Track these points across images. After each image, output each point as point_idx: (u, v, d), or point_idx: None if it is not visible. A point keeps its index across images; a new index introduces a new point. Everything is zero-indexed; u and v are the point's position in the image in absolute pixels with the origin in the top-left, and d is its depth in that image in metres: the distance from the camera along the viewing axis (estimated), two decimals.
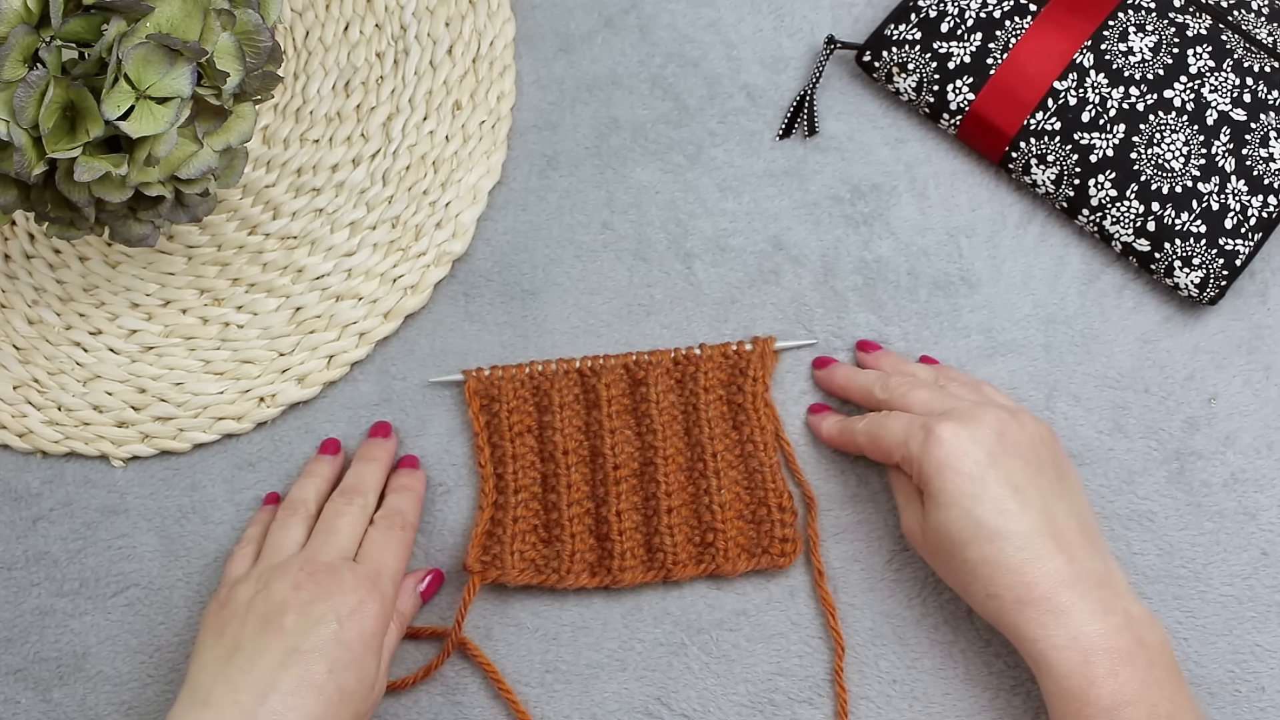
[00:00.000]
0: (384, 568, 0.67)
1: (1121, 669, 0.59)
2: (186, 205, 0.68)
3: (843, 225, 0.77)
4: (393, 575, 0.67)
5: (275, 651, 0.61)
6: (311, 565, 0.65)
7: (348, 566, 0.66)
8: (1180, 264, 0.73)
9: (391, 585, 0.67)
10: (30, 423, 0.76)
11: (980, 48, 0.76)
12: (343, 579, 0.65)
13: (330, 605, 0.63)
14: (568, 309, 0.77)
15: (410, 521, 0.70)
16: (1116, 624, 0.60)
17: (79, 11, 0.60)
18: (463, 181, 0.79)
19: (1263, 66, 0.73)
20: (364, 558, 0.67)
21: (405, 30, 0.81)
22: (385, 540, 0.68)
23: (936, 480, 0.63)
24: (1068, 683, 0.59)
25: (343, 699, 0.62)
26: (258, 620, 0.63)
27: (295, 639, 0.62)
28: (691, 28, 0.81)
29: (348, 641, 0.63)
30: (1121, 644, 0.60)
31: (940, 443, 0.64)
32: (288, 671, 0.61)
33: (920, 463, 0.64)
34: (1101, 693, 0.59)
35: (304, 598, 0.63)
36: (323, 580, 0.64)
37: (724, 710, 0.70)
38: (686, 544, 0.72)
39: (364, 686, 0.63)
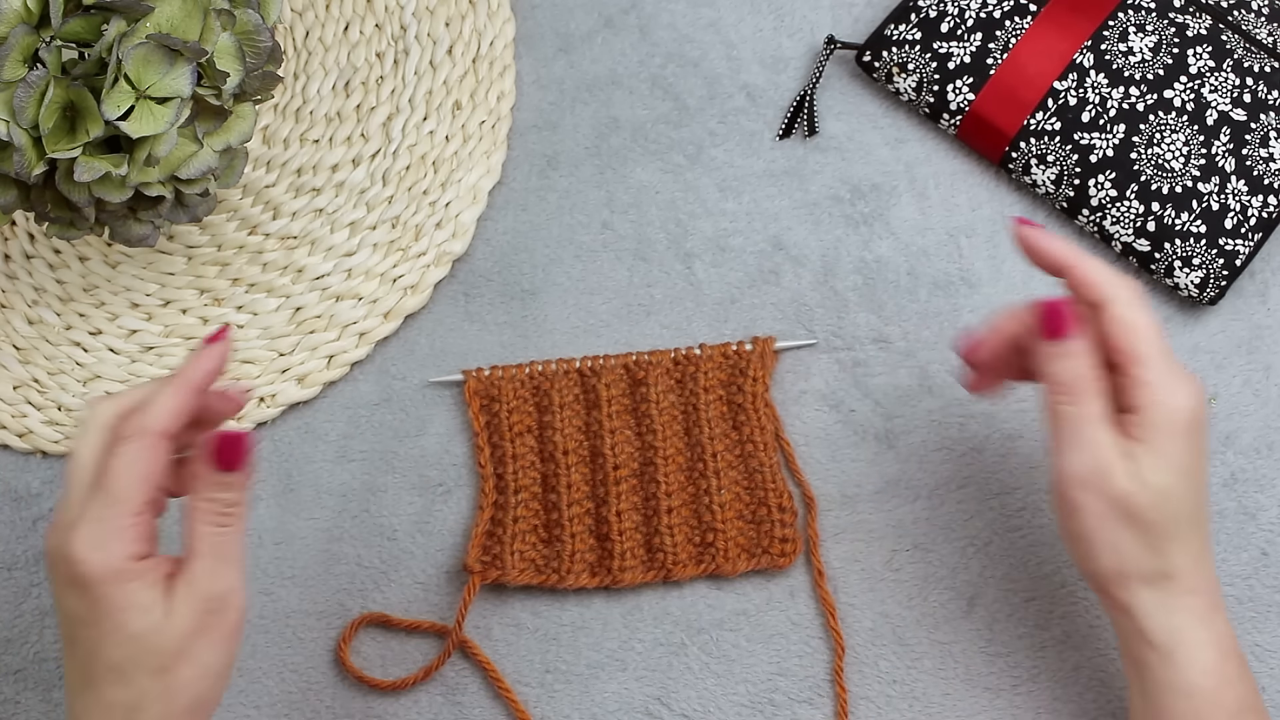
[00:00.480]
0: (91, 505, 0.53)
1: (1247, 675, 0.58)
2: (186, 205, 0.68)
3: (843, 225, 0.77)
4: (103, 511, 0.53)
5: (65, 646, 0.55)
6: (47, 533, 0.55)
7: (59, 525, 0.54)
8: (1180, 264, 0.73)
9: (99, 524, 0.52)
10: (30, 423, 0.76)
11: (980, 48, 0.76)
12: (52, 545, 0.54)
13: (55, 588, 0.54)
14: (568, 309, 0.77)
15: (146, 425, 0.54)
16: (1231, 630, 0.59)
17: (79, 11, 0.60)
18: (463, 181, 0.79)
19: (1263, 66, 0.73)
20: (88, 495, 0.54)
21: (405, 30, 0.81)
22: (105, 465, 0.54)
23: (1175, 443, 0.56)
24: (1204, 679, 0.57)
25: (119, 672, 0.53)
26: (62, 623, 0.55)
27: (62, 629, 0.54)
28: (691, 28, 0.81)
29: (80, 616, 0.53)
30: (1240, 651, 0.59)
31: (1188, 408, 0.56)
32: (70, 668, 0.54)
33: (1161, 412, 0.56)
34: (1235, 693, 0.57)
35: (49, 576, 0.55)
36: (47, 547, 0.54)
37: (724, 710, 0.70)
38: (686, 544, 0.72)
39: (138, 645, 0.53)
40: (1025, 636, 0.70)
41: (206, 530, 0.55)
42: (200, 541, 0.55)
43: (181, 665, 0.54)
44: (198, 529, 0.55)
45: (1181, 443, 0.56)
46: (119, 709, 0.53)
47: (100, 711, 0.53)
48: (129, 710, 0.53)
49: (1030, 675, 0.70)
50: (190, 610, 0.54)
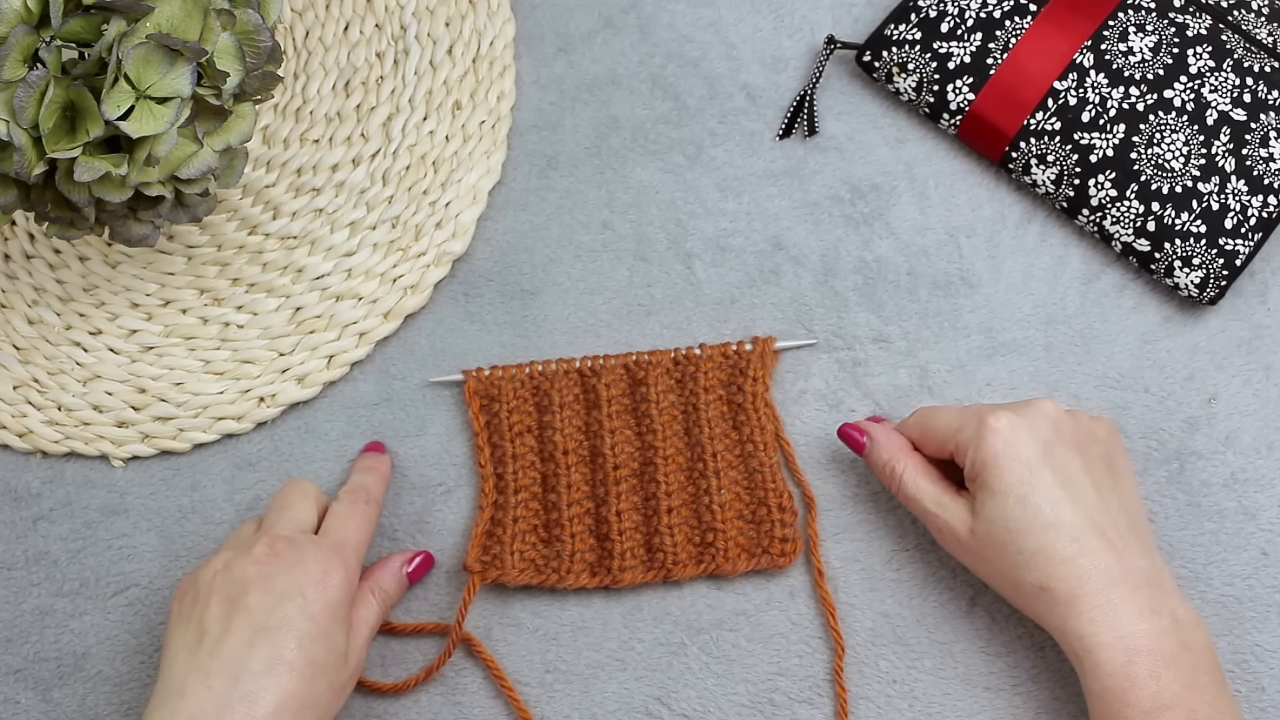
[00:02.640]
0: (346, 539, 0.66)
1: (1164, 672, 0.59)
2: (186, 205, 0.68)
3: (843, 225, 0.77)
4: (355, 546, 0.67)
5: (242, 631, 0.61)
6: (271, 540, 0.65)
7: (309, 539, 0.65)
8: (1180, 264, 0.73)
9: (355, 555, 0.66)
10: (30, 423, 0.76)
11: (980, 48, 0.76)
12: (304, 551, 0.64)
13: (293, 578, 0.63)
14: (568, 309, 0.77)
15: (374, 497, 0.70)
16: (1163, 625, 0.60)
17: (79, 11, 0.60)
18: (463, 181, 0.79)
19: (1263, 66, 0.73)
20: (325, 531, 0.67)
21: (405, 30, 0.81)
22: (348, 513, 0.68)
23: (992, 469, 0.63)
24: (1109, 681, 0.59)
25: (315, 672, 0.61)
26: (222, 602, 0.63)
27: (261, 617, 0.62)
28: (691, 28, 0.81)
29: (314, 614, 0.62)
30: (1166, 646, 0.59)
31: (995, 431, 0.63)
32: (256, 651, 0.61)
33: (974, 450, 0.64)
34: (1142, 695, 0.59)
35: (266, 572, 0.63)
36: (283, 553, 0.64)
37: (724, 710, 0.70)
38: (686, 544, 0.72)
39: (335, 658, 0.63)
40: (1025, 636, 0.70)
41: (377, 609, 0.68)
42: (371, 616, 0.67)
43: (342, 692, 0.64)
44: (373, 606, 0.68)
45: (994, 474, 0.63)
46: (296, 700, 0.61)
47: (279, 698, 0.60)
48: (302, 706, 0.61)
49: (1030, 675, 0.70)
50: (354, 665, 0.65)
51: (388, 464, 0.74)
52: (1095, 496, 0.63)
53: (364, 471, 0.72)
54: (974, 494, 0.64)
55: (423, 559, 0.72)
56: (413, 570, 0.71)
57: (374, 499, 0.70)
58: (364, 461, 0.73)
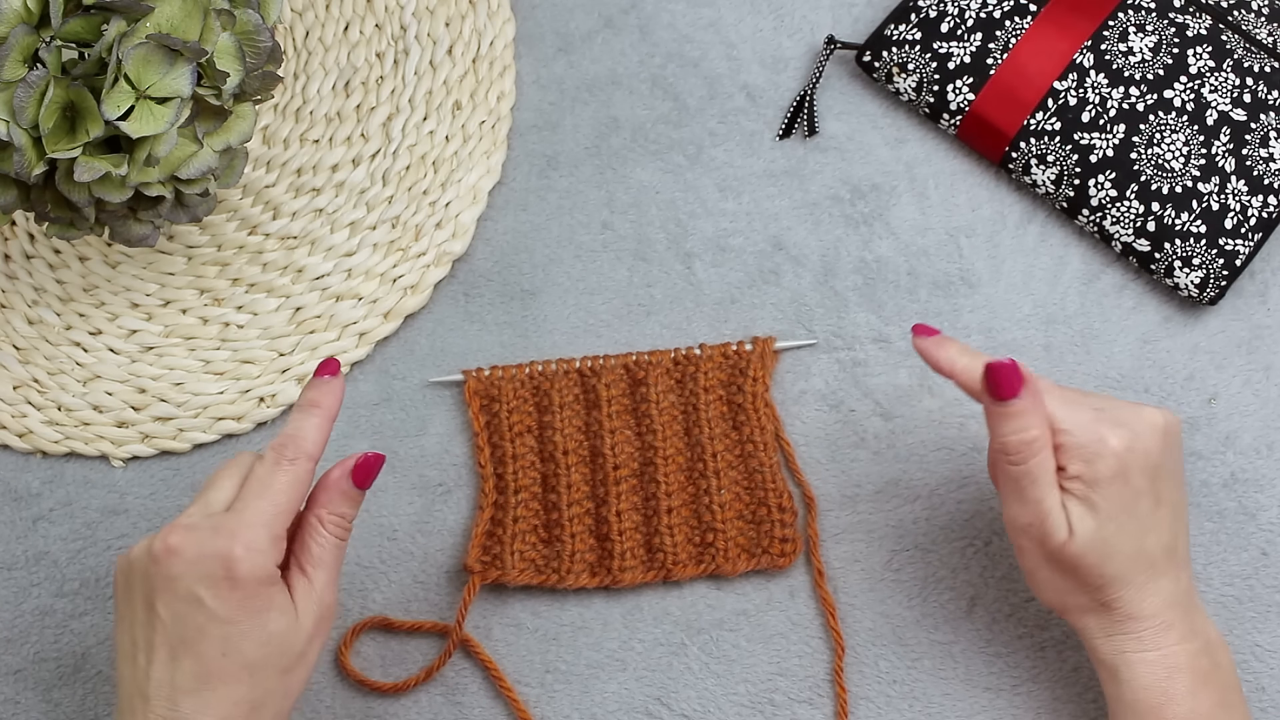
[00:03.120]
0: (252, 516, 0.58)
1: (1200, 690, 0.59)
2: (186, 205, 0.68)
3: (843, 225, 0.77)
4: (265, 522, 0.58)
5: (163, 648, 0.57)
6: (167, 533, 0.58)
7: (206, 525, 0.58)
8: (1180, 264, 0.73)
9: (264, 532, 0.58)
10: (30, 423, 0.76)
11: (980, 48, 0.76)
12: (201, 544, 0.57)
13: (192, 580, 0.57)
14: (568, 309, 0.77)
15: (305, 450, 0.60)
16: (1200, 645, 0.60)
17: (79, 11, 0.60)
18: (463, 181, 0.79)
19: (1263, 66, 0.73)
20: (235, 505, 0.59)
21: (405, 30, 0.81)
22: (266, 479, 0.59)
23: (1101, 491, 0.59)
24: (1146, 695, 0.59)
25: (251, 671, 0.57)
26: (143, 607, 0.58)
27: (175, 628, 0.57)
28: (691, 28, 0.81)
29: (227, 615, 0.57)
30: (1202, 665, 0.60)
31: (1112, 455, 0.59)
32: (181, 667, 0.57)
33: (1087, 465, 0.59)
34: (1178, 711, 0.59)
35: (169, 574, 0.57)
36: (178, 547, 0.57)
37: (724, 710, 0.70)
38: (686, 544, 0.72)
39: (273, 646, 0.58)
40: (1025, 636, 0.70)
41: (332, 542, 0.61)
42: (326, 553, 0.60)
43: (300, 666, 0.59)
44: (324, 540, 0.60)
45: (1109, 490, 0.59)
46: (243, 705, 0.57)
47: (223, 709, 0.57)
48: (253, 708, 0.58)
49: (1030, 675, 0.70)
50: (312, 616, 0.59)
51: (335, 393, 0.62)
52: (1172, 520, 0.61)
53: (303, 410, 0.61)
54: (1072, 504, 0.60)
55: (363, 459, 0.61)
56: (355, 473, 0.61)
57: (303, 453, 0.60)
58: (308, 393, 0.62)
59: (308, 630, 0.59)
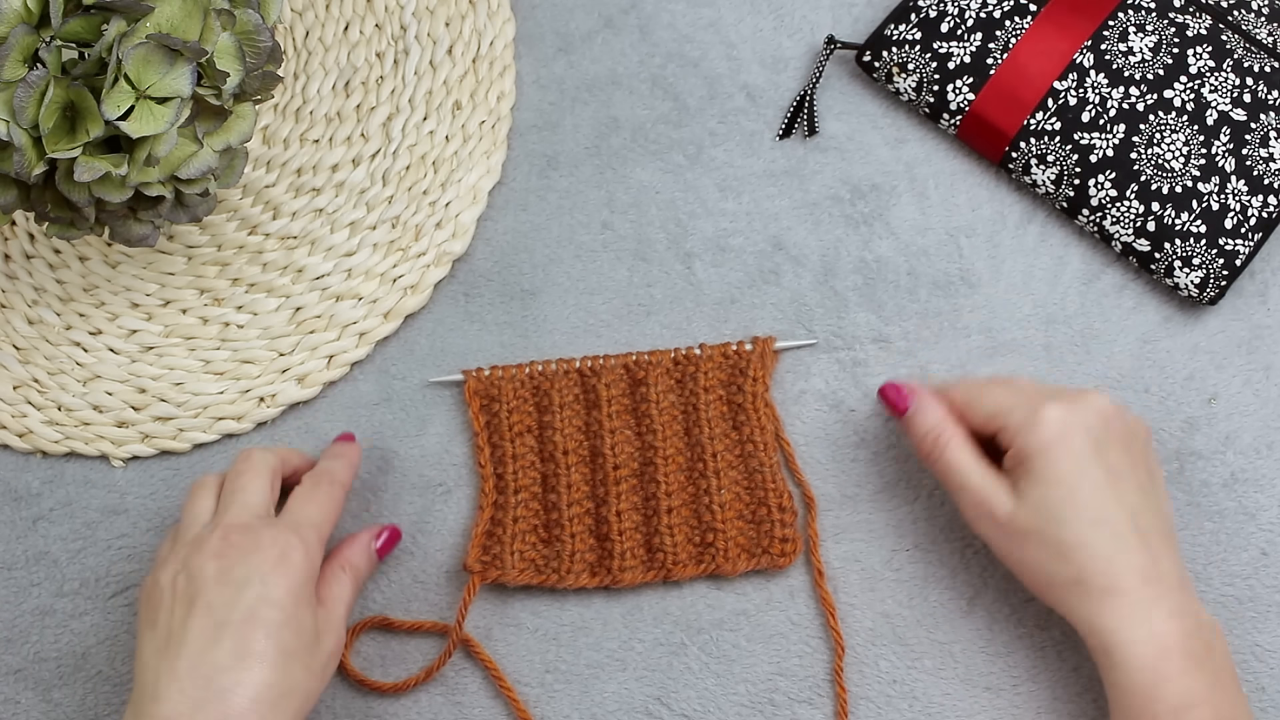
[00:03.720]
0: (305, 518, 0.65)
1: (1193, 670, 0.60)
2: (186, 205, 0.68)
3: (843, 225, 0.77)
4: (316, 524, 0.65)
5: (207, 630, 0.60)
6: (225, 530, 0.63)
7: (263, 523, 0.64)
8: (1180, 264, 0.73)
9: (315, 534, 0.65)
10: (30, 423, 0.76)
11: (980, 48, 0.76)
12: (259, 536, 0.63)
13: (250, 567, 0.62)
14: (568, 309, 0.77)
15: (339, 480, 0.69)
16: (1190, 626, 0.61)
17: (79, 11, 0.60)
18: (463, 181, 0.79)
19: (1263, 66, 0.73)
20: (285, 512, 0.66)
21: (405, 30, 0.81)
22: (308, 494, 0.67)
23: (1042, 458, 0.62)
24: (1139, 677, 0.60)
25: (286, 659, 0.61)
26: (184, 602, 0.62)
27: (223, 612, 0.61)
28: (691, 28, 0.81)
29: (277, 600, 0.61)
30: (1195, 646, 0.60)
31: (1050, 421, 0.62)
32: (222, 646, 0.60)
33: (1025, 436, 0.63)
34: (1171, 691, 0.59)
35: (223, 566, 0.62)
36: (238, 542, 0.63)
37: (724, 710, 0.70)
38: (686, 544, 0.72)
39: (305, 641, 0.62)
40: (1025, 636, 0.70)
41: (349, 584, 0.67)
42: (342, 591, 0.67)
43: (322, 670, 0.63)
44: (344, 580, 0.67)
45: (1047, 460, 0.62)
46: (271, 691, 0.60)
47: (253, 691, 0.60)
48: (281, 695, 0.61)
49: (1030, 675, 0.70)
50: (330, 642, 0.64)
51: (357, 452, 0.72)
52: (1138, 497, 0.63)
53: (331, 458, 0.71)
54: (1017, 478, 0.63)
55: (390, 533, 0.71)
56: (381, 545, 0.70)
57: (338, 481, 0.69)
58: (332, 450, 0.72)
59: (327, 648, 0.64)
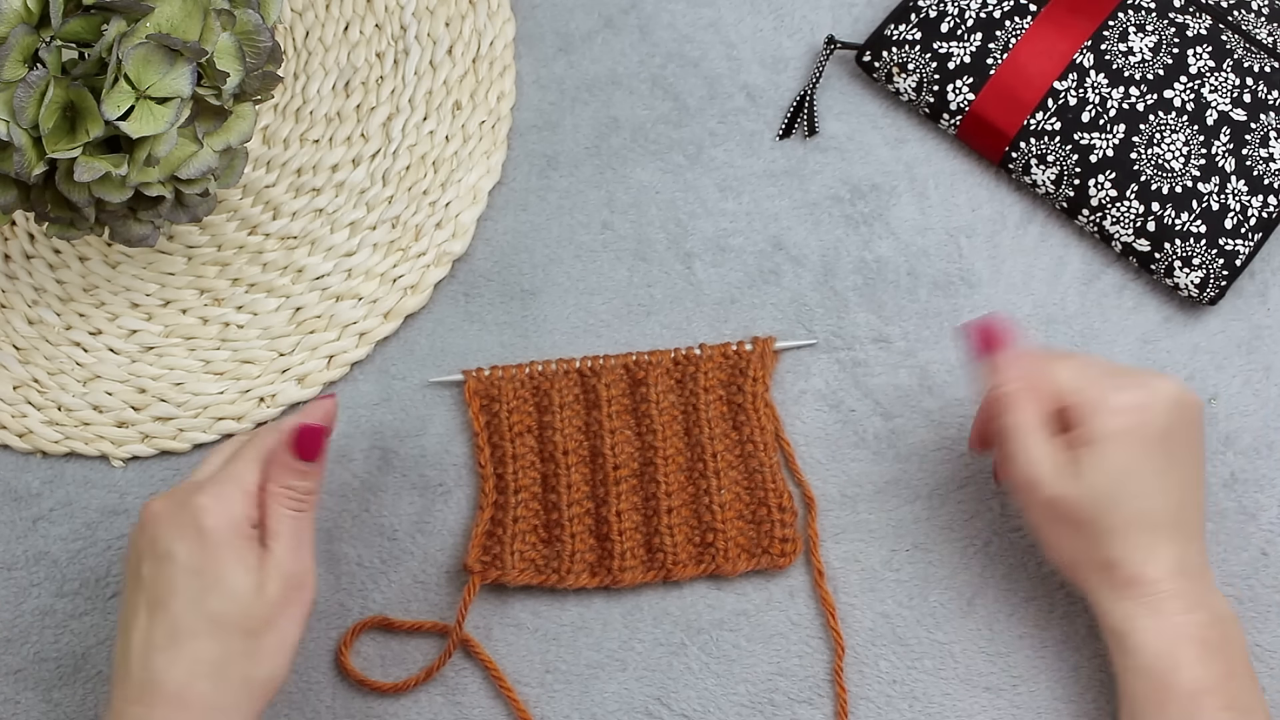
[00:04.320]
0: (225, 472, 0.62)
1: (1209, 659, 0.60)
2: (186, 205, 0.68)
3: (843, 225, 0.77)
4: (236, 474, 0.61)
5: (142, 609, 0.60)
6: (150, 503, 0.62)
7: (187, 489, 0.61)
8: (1180, 264, 0.73)
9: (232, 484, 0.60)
10: (30, 423, 0.76)
11: (980, 48, 0.76)
12: (175, 502, 0.61)
13: (170, 537, 0.60)
14: (568, 309, 0.77)
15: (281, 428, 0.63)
16: (1208, 618, 0.61)
17: (79, 11, 0.60)
18: (463, 181, 0.79)
19: (1263, 66, 0.73)
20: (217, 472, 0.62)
21: (405, 30, 0.81)
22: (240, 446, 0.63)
23: (1110, 443, 0.61)
24: (1155, 663, 0.60)
25: (216, 627, 0.59)
26: (131, 580, 0.61)
27: (151, 589, 0.60)
28: (691, 28, 0.81)
29: (196, 567, 0.59)
30: (1211, 636, 0.61)
31: (1118, 411, 0.61)
32: (156, 625, 0.59)
33: (1096, 419, 0.61)
34: (1185, 678, 0.60)
35: (149, 537, 0.60)
36: (159, 510, 0.61)
37: (724, 710, 0.70)
38: (686, 544, 0.72)
39: (238, 602, 0.59)
40: (1025, 636, 0.70)
41: (285, 514, 0.61)
42: (280, 524, 0.61)
43: (268, 633, 0.60)
44: (277, 512, 0.61)
45: (1112, 447, 0.61)
46: (206, 664, 0.59)
47: (186, 666, 0.58)
48: (216, 666, 0.59)
49: (1030, 675, 0.70)
50: (276, 585, 0.60)
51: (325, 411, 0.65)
52: (1182, 489, 0.63)
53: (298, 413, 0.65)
54: (1077, 458, 0.61)
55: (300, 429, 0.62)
56: (296, 446, 0.62)
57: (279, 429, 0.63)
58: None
59: (273, 597, 0.60)
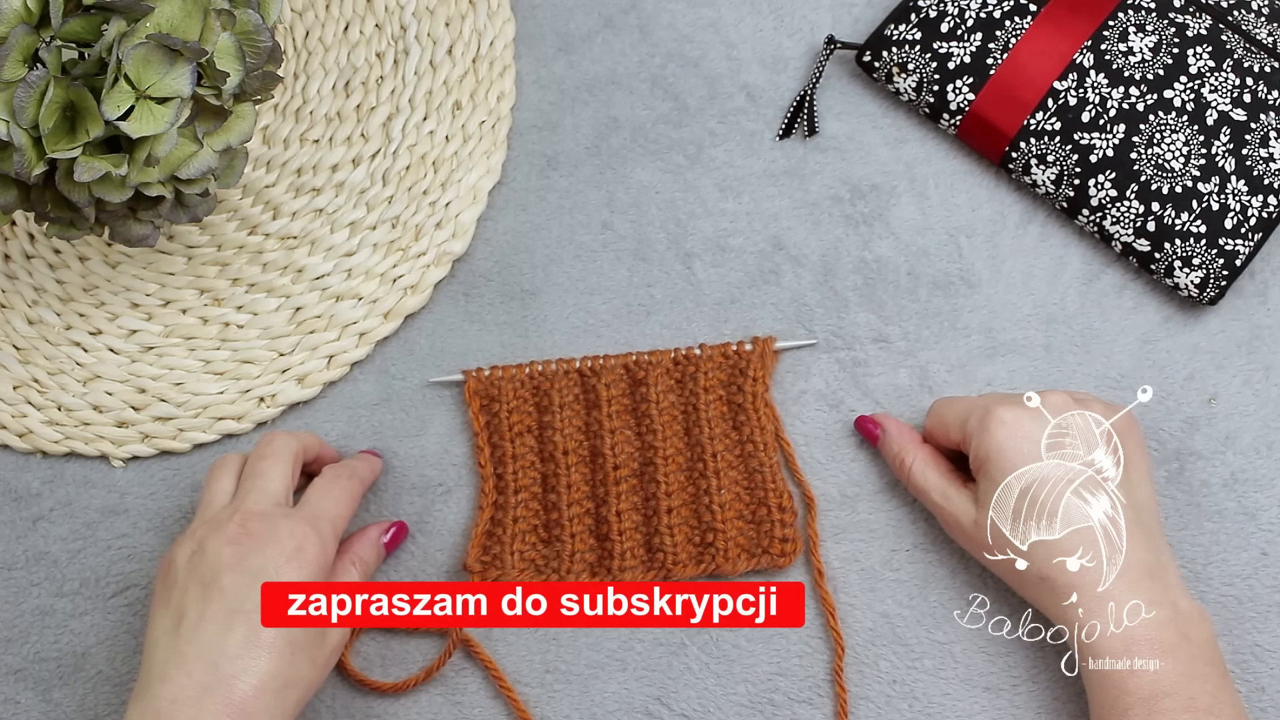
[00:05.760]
0: (323, 511, 0.66)
1: (1163, 660, 0.60)
2: (186, 205, 0.68)
3: (843, 225, 0.77)
4: (333, 518, 0.66)
5: (218, 615, 0.61)
6: (244, 517, 0.64)
7: (282, 513, 0.65)
8: (1180, 264, 0.73)
9: (331, 528, 0.66)
10: (30, 423, 0.76)
11: (980, 48, 0.76)
12: (277, 526, 0.64)
13: (265, 557, 0.62)
14: (568, 309, 0.77)
15: (360, 475, 0.70)
16: (1162, 617, 0.61)
17: (79, 11, 0.60)
18: (463, 181, 0.79)
19: (1263, 66, 0.73)
20: (304, 502, 0.67)
21: (405, 30, 0.81)
22: (328, 486, 0.68)
23: (995, 460, 0.64)
24: (1110, 666, 0.61)
25: (294, 651, 0.61)
26: (198, 585, 0.62)
27: (235, 599, 0.61)
28: (691, 28, 0.81)
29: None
30: (1165, 636, 0.61)
31: (1001, 423, 0.65)
32: (233, 633, 0.60)
33: (979, 440, 0.65)
34: (1140, 682, 0.60)
35: (240, 553, 0.62)
36: (256, 531, 0.63)
37: (724, 710, 0.70)
38: (686, 544, 0.72)
39: (312, 634, 0.63)
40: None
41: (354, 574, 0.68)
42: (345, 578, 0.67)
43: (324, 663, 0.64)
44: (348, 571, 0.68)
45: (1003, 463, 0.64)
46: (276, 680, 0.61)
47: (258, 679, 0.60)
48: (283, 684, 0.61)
49: (1030, 675, 0.70)
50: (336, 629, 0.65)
51: (379, 463, 0.74)
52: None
53: (355, 458, 0.73)
54: (978, 484, 0.66)
55: (397, 528, 0.72)
56: (389, 539, 0.72)
57: (358, 477, 0.70)
58: (357, 455, 0.74)
59: (333, 642, 0.65)
